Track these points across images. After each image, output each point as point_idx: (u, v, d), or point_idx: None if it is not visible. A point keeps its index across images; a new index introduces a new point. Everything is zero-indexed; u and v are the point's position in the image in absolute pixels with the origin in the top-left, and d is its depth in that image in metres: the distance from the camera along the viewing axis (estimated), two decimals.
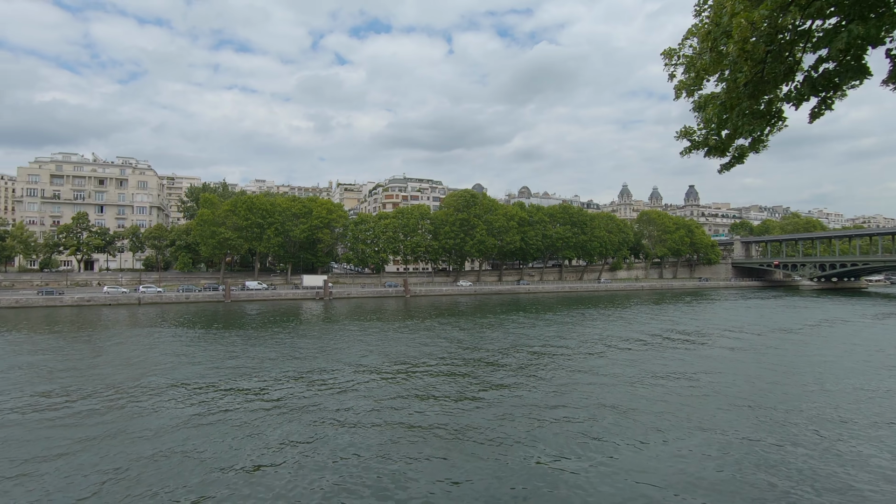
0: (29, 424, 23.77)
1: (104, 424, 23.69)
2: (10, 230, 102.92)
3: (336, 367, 36.24)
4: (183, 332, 53.55)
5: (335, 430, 23.05)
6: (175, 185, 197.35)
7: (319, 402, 27.55)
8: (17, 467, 18.91)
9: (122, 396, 28.49)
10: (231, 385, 31.12)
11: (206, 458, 19.90)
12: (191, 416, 25.05)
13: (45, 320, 63.40)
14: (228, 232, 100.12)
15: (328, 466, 19.23)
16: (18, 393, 29.19)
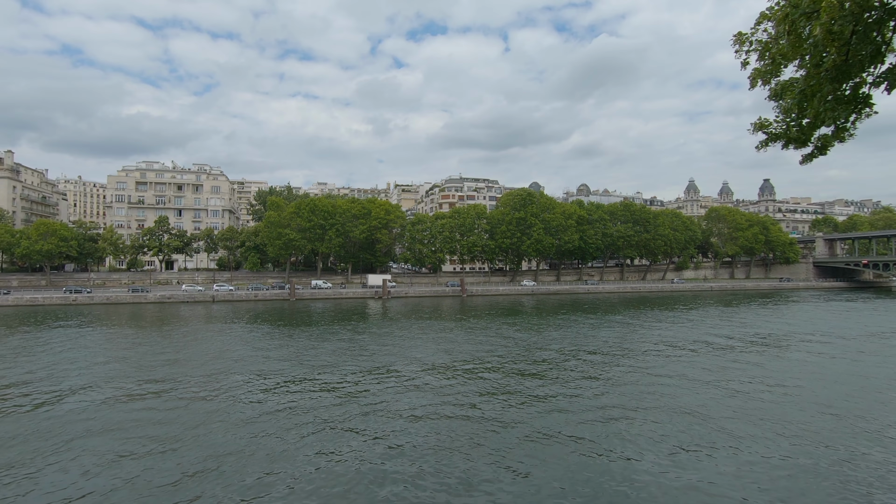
0: (122, 411, 25.96)
1: (188, 413, 25.46)
2: (102, 233, 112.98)
3: (396, 364, 36.97)
4: (253, 329, 56.57)
5: (400, 425, 23.54)
6: (244, 189, 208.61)
7: (382, 396, 28.22)
8: (108, 450, 20.71)
9: (201, 389, 30.51)
10: (298, 379, 32.52)
11: (274, 447, 20.93)
12: (263, 407, 26.42)
13: (133, 316, 69.02)
14: (293, 233, 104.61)
15: (393, 459, 19.67)
16: (111, 384, 31.96)
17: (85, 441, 21.62)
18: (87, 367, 36.34)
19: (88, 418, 24.66)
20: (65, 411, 25.78)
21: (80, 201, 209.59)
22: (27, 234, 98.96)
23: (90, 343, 46.75)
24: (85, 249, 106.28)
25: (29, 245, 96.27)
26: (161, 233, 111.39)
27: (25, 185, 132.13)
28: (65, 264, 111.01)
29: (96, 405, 26.74)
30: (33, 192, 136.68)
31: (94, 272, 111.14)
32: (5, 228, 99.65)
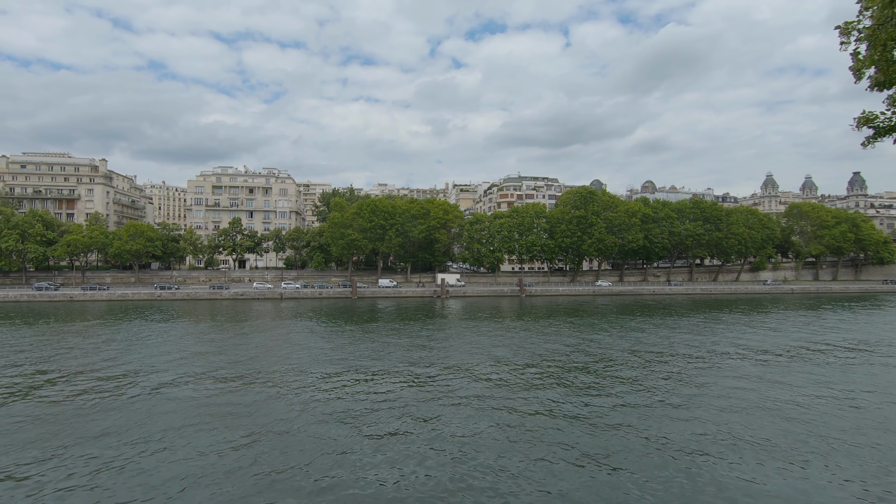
0: (207, 403, 27.77)
1: (266, 406, 26.87)
2: (183, 234, 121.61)
3: (458, 361, 37.12)
4: (319, 325, 58.81)
5: (469, 421, 23.63)
6: (310, 192, 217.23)
7: (447, 392, 28.43)
8: (197, 439, 22.22)
9: (276, 383, 32.08)
10: (364, 375, 33.43)
11: (345, 441, 21.62)
12: (333, 402, 27.40)
13: (210, 312, 73.75)
14: (355, 233, 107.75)
15: (466, 457, 19.77)
16: (196, 376, 34.27)
17: (177, 430, 23.29)
18: (175, 359, 39.19)
19: (179, 409, 26.55)
20: (158, 401, 27.88)
21: (163, 204, 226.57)
22: (119, 235, 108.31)
23: (176, 336, 50.42)
24: (168, 249, 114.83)
25: (120, 245, 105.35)
26: (234, 233, 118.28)
27: (117, 190, 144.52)
28: (151, 263, 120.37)
29: (184, 397, 28.72)
30: (124, 196, 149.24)
31: (176, 270, 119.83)
32: (101, 230, 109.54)
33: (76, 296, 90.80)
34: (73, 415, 25.08)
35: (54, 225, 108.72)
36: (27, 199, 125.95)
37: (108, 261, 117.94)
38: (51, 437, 21.91)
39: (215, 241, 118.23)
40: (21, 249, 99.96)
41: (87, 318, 64.90)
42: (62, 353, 41.03)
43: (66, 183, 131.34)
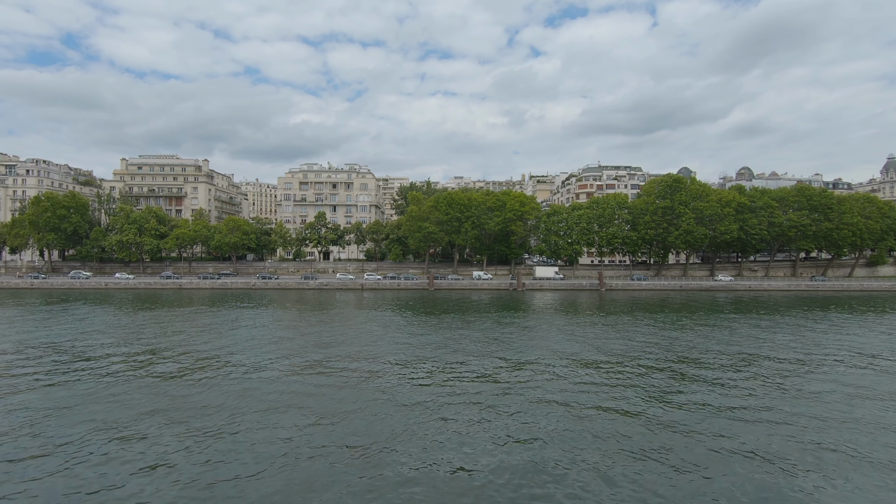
0: (296, 386, 29.71)
1: (349, 391, 28.28)
2: (274, 228, 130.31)
3: (534, 354, 36.71)
4: (396, 315, 60.65)
5: (545, 415, 23.40)
6: (388, 186, 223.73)
7: (524, 386, 28.27)
8: (284, 420, 23.85)
9: (358, 369, 33.61)
10: (442, 364, 34.08)
11: (409, 423, 22.21)
12: (412, 390, 28.23)
13: (299, 300, 78.53)
14: (432, 226, 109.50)
15: (542, 451, 19.63)
16: (286, 360, 36.74)
17: (265, 409, 25.16)
18: (267, 343, 42.26)
19: (269, 389, 28.63)
20: (251, 381, 30.24)
21: (257, 200, 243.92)
22: (219, 229, 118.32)
23: (269, 322, 54.29)
24: (261, 241, 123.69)
25: (220, 238, 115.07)
26: (319, 227, 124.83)
27: (218, 188, 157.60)
28: (246, 254, 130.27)
29: (273, 378, 30.91)
30: (223, 193, 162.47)
31: (268, 261, 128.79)
32: (204, 224, 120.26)
33: (192, 283, 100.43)
34: (181, 390, 27.84)
35: (165, 220, 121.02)
36: (143, 197, 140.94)
37: (210, 252, 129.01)
38: (166, 410, 24.48)
39: (302, 234, 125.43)
40: (139, 242, 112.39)
41: (196, 303, 71.67)
42: (176, 334, 45.63)
43: (174, 182, 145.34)
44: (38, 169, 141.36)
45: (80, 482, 17.11)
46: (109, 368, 32.46)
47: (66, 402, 25.37)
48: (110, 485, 16.95)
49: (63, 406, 24.72)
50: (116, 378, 30.06)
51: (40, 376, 30.44)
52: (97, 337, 44.16)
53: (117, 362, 34.31)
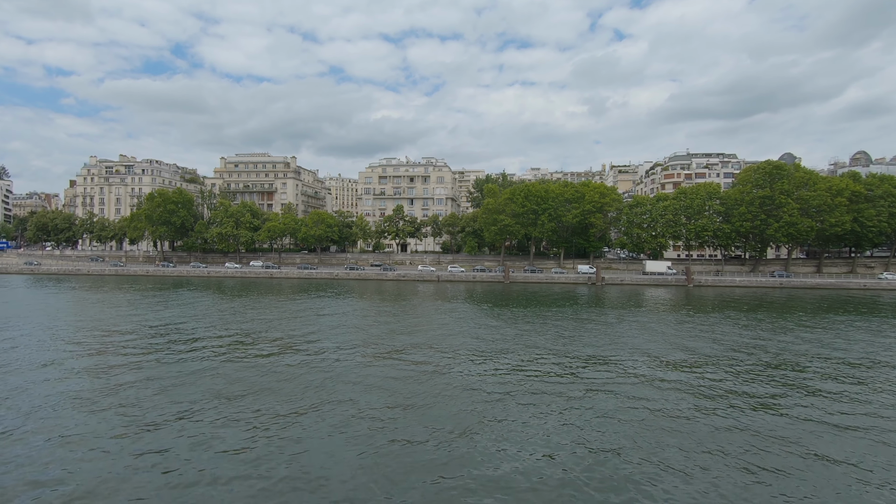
0: (373, 373, 30.95)
1: (424, 380, 29.00)
2: (355, 221, 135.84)
3: (613, 352, 35.44)
4: (471, 307, 61.03)
5: (622, 412, 22.63)
6: (464, 179, 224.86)
7: (600, 384, 27.44)
8: (357, 407, 24.92)
9: (433, 359, 34.33)
10: (516, 358, 33.91)
11: (476, 414, 22.28)
12: (485, 384, 28.39)
13: (377, 291, 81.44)
14: (507, 219, 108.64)
15: (603, 449, 19.04)
16: (365, 347, 38.32)
17: (339, 398, 26.41)
18: (351, 330, 44.30)
19: (345, 375, 30.03)
20: (336, 368, 31.86)
21: (339, 195, 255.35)
22: (305, 222, 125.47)
23: (351, 311, 56.85)
24: (343, 234, 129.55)
25: (306, 230, 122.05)
26: (397, 219, 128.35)
27: (304, 183, 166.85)
28: (329, 246, 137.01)
29: (356, 366, 32.32)
30: (309, 188, 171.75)
31: (349, 253, 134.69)
32: (292, 218, 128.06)
33: (283, 273, 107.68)
34: (270, 372, 29.92)
35: (258, 214, 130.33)
36: (239, 193, 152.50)
37: (297, 244, 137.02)
38: (257, 391, 26.48)
39: (381, 227, 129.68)
40: (235, 234, 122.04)
41: (286, 291, 76.69)
42: (270, 320, 49.11)
43: (266, 178, 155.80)
44: (152, 168, 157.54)
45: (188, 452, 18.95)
46: (212, 349, 35.62)
47: (177, 377, 28.21)
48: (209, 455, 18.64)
49: (175, 381, 27.51)
50: (216, 357, 32.92)
51: (157, 353, 34.10)
52: (205, 319, 48.60)
53: (219, 343, 37.56)
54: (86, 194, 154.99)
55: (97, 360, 32.34)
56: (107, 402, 23.87)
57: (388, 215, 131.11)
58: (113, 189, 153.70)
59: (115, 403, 23.80)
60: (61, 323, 46.48)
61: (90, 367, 30.70)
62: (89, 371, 29.63)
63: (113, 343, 37.93)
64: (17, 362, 31.41)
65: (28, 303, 62.37)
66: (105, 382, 27.20)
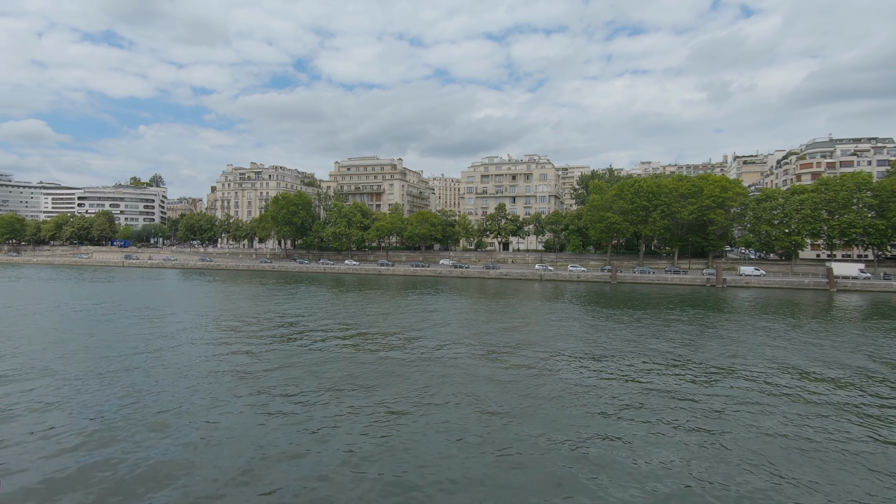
0: (464, 366, 31.42)
1: (523, 383, 28.87)
2: (457, 220, 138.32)
3: (729, 363, 32.37)
4: (578, 307, 59.27)
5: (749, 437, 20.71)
6: (568, 175, 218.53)
7: (711, 392, 25.29)
8: (445, 401, 25.33)
9: (525, 356, 33.97)
10: (616, 361, 32.37)
11: (579, 422, 21.49)
12: (578, 379, 27.52)
13: (480, 288, 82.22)
14: (614, 216, 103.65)
15: (726, 469, 17.51)
16: (464, 345, 38.98)
17: (444, 400, 27.06)
18: (455, 327, 45.32)
19: (448, 374, 30.73)
20: (442, 366, 32.81)
21: (442, 194, 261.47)
22: (410, 221, 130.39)
23: (456, 307, 58.10)
24: (446, 233, 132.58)
25: (412, 229, 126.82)
26: (499, 218, 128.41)
27: (410, 184, 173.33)
28: (433, 244, 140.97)
29: (462, 365, 33.00)
30: (414, 188, 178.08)
31: (452, 251, 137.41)
32: (399, 217, 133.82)
33: (389, 269, 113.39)
34: (376, 365, 31.58)
35: (368, 214, 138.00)
36: (350, 194, 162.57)
37: (403, 242, 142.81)
38: (371, 386, 28.11)
39: (483, 226, 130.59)
40: (347, 233, 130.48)
41: (393, 287, 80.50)
42: (380, 314, 51.92)
43: (374, 180, 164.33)
44: (277, 174, 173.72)
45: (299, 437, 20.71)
46: (334, 341, 38.50)
47: (300, 366, 30.93)
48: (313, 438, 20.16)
49: (288, 368, 30.18)
50: (338, 349, 35.51)
51: (285, 343, 37.69)
52: (328, 312, 52.70)
53: (341, 336, 40.48)
54: (223, 198, 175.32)
55: (236, 347, 36.45)
56: (241, 389, 26.77)
57: (491, 214, 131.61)
58: (245, 193, 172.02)
59: (244, 391, 26.64)
60: (205, 312, 53.09)
61: (229, 353, 34.71)
62: (227, 356, 33.52)
63: (247, 331, 42.50)
64: (171, 346, 36.50)
65: (178, 293, 72.13)
66: (241, 367, 30.59)
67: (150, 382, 26.68)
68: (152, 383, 26.53)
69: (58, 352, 33.47)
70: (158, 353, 33.25)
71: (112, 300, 61.59)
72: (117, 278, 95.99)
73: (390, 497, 15.67)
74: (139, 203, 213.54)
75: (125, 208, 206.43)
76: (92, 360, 31.40)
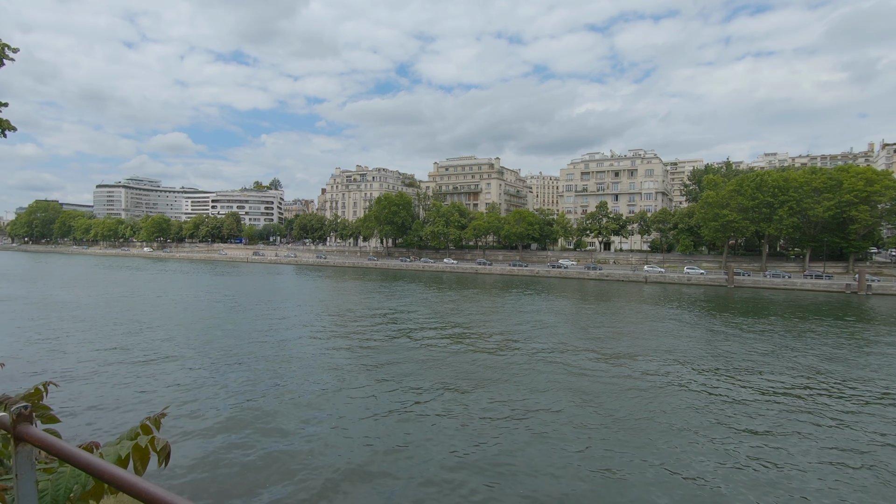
0: (564, 370, 30.49)
1: (617, 384, 27.48)
2: (555, 218, 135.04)
3: (880, 387, 28.01)
4: (690, 313, 55.08)
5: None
6: (677, 170, 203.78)
7: (862, 422, 22.08)
8: (553, 408, 24.64)
9: (629, 364, 32.18)
10: (749, 380, 29.50)
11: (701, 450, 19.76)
12: (692, 394, 25.46)
13: (579, 289, 79.62)
14: (732, 214, 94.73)
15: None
16: (567, 349, 37.93)
17: (550, 405, 26.52)
18: (556, 329, 44.42)
19: (565, 385, 30.07)
20: (545, 369, 32.32)
21: (540, 193, 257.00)
22: (507, 220, 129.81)
23: (557, 309, 56.93)
24: (544, 232, 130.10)
25: (508, 228, 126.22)
26: (600, 217, 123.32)
27: (507, 183, 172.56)
28: (531, 244, 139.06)
29: (565, 370, 32.24)
30: (511, 187, 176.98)
31: (550, 251, 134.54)
32: (495, 216, 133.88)
33: (486, 269, 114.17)
34: (485, 367, 31.79)
35: (465, 213, 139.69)
36: (448, 194, 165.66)
37: (500, 241, 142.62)
38: (476, 387, 28.45)
39: (583, 225, 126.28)
40: (445, 232, 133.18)
41: (489, 286, 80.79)
42: (478, 313, 52.44)
43: (471, 179, 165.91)
44: (380, 175, 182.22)
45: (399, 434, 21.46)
46: (439, 338, 39.60)
47: (406, 363, 32.18)
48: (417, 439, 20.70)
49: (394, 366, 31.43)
50: (444, 347, 36.45)
51: (392, 339, 39.49)
52: (431, 308, 54.42)
53: (444, 334, 41.55)
54: (332, 199, 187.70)
55: (350, 341, 38.87)
56: (356, 382, 28.46)
57: (591, 212, 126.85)
58: (351, 194, 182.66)
59: (359, 384, 28.24)
60: (323, 305, 57.23)
61: (344, 347, 37.08)
62: (342, 350, 35.82)
63: (361, 325, 45.08)
64: (286, 337, 39.81)
65: (297, 287, 78.51)
66: (355, 361, 32.54)
67: (274, 372, 29.28)
68: (276, 373, 29.08)
69: (197, 337, 38.09)
70: (282, 344, 36.40)
71: (243, 292, 68.72)
72: (243, 272, 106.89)
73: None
74: (261, 205, 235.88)
75: (249, 209, 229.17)
76: (224, 347, 35.27)
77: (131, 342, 35.12)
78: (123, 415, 21.38)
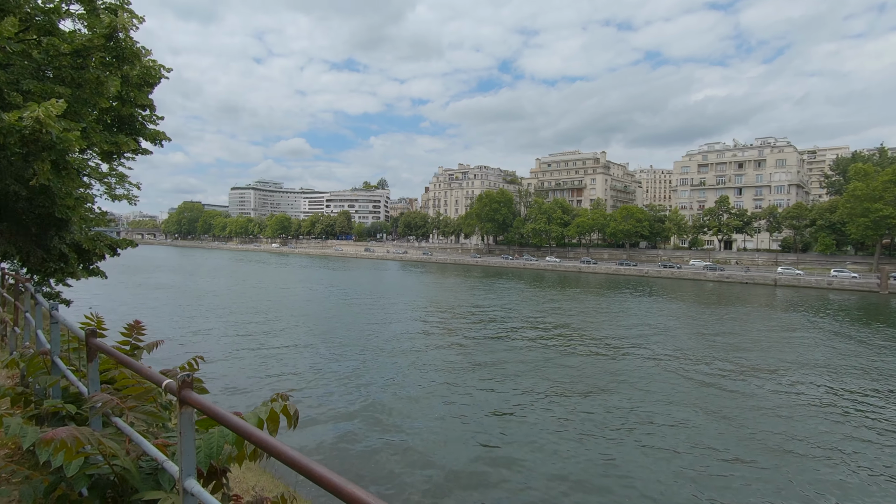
0: (681, 379, 28.36)
1: (749, 406, 25.00)
2: (668, 215, 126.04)
3: None
4: (831, 322, 48.58)
5: None
6: (816, 159, 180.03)
7: None
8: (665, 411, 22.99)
9: (758, 378, 29.11)
10: (872, 399, 25.41)
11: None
12: (840, 424, 22.39)
13: (696, 292, 73.70)
14: (887, 208, 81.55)
15: None
16: (676, 353, 35.40)
17: (662, 408, 24.96)
18: (668, 334, 41.71)
19: (682, 400, 28.24)
20: (660, 379, 30.58)
21: (650, 187, 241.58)
22: (614, 217, 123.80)
23: (664, 311, 53.41)
24: (654, 229, 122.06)
25: (615, 225, 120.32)
26: (721, 212, 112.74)
27: (613, 178, 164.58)
28: (639, 242, 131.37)
29: (682, 380, 30.22)
30: (618, 182, 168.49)
31: (661, 249, 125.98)
32: (601, 213, 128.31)
33: (589, 268, 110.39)
34: (592, 371, 30.79)
35: (568, 210, 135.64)
36: (551, 191, 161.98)
37: (605, 239, 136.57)
38: (582, 392, 27.72)
39: (700, 221, 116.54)
40: (547, 230, 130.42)
41: (594, 286, 77.89)
42: (582, 314, 50.89)
43: (575, 175, 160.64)
44: (481, 173, 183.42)
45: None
46: (546, 339, 39.21)
47: (505, 364, 32.25)
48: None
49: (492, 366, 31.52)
50: (550, 348, 36.01)
51: (495, 338, 39.83)
52: (536, 307, 54.05)
53: (550, 334, 41.04)
54: (434, 197, 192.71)
55: (457, 339, 39.87)
56: (464, 381, 29.12)
57: (709, 208, 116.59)
58: (453, 192, 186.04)
59: (467, 382, 28.84)
60: (430, 301, 59.24)
61: (451, 344, 38.11)
62: (449, 347, 36.82)
63: (467, 322, 46.02)
64: (388, 335, 41.71)
65: (404, 282, 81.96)
66: (463, 359, 33.30)
67: (384, 365, 30.91)
68: (385, 366, 30.67)
69: (316, 326, 41.42)
70: (392, 338, 38.31)
71: (355, 287, 73.36)
72: (353, 267, 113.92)
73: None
74: (369, 203, 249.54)
75: (359, 208, 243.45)
76: (340, 338, 37.95)
77: (259, 329, 39.11)
78: (249, 393, 23.94)
